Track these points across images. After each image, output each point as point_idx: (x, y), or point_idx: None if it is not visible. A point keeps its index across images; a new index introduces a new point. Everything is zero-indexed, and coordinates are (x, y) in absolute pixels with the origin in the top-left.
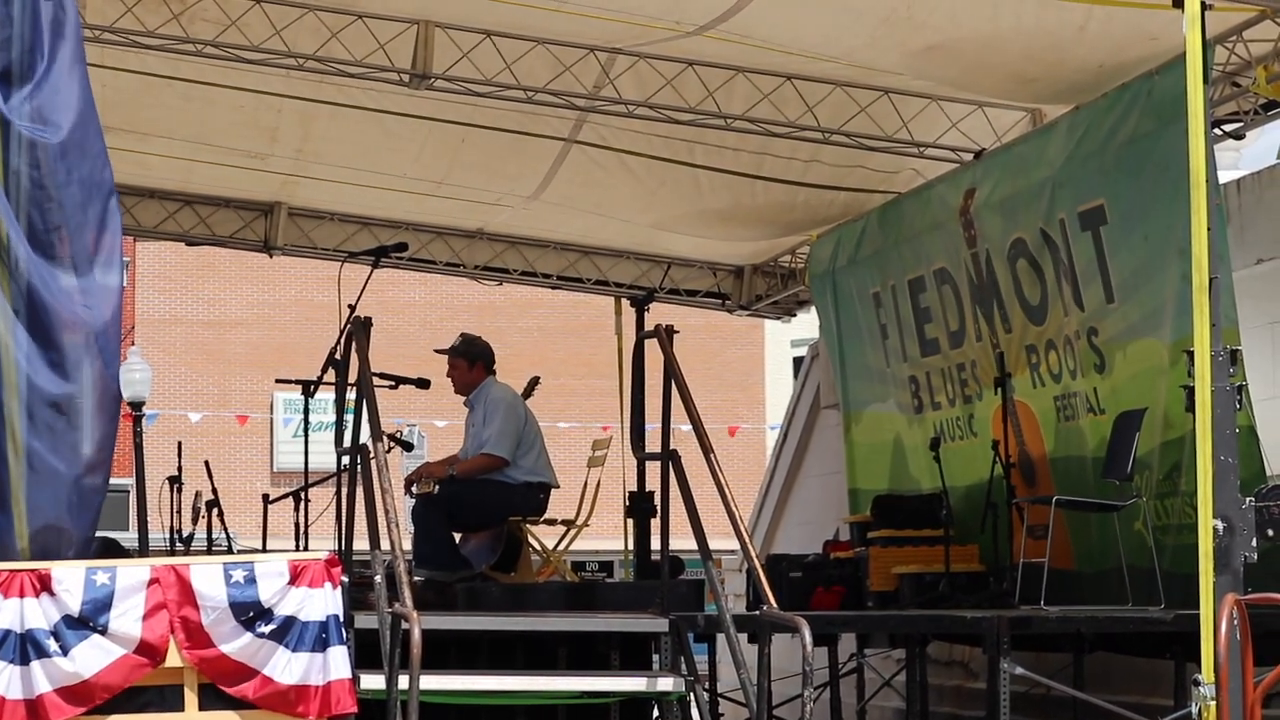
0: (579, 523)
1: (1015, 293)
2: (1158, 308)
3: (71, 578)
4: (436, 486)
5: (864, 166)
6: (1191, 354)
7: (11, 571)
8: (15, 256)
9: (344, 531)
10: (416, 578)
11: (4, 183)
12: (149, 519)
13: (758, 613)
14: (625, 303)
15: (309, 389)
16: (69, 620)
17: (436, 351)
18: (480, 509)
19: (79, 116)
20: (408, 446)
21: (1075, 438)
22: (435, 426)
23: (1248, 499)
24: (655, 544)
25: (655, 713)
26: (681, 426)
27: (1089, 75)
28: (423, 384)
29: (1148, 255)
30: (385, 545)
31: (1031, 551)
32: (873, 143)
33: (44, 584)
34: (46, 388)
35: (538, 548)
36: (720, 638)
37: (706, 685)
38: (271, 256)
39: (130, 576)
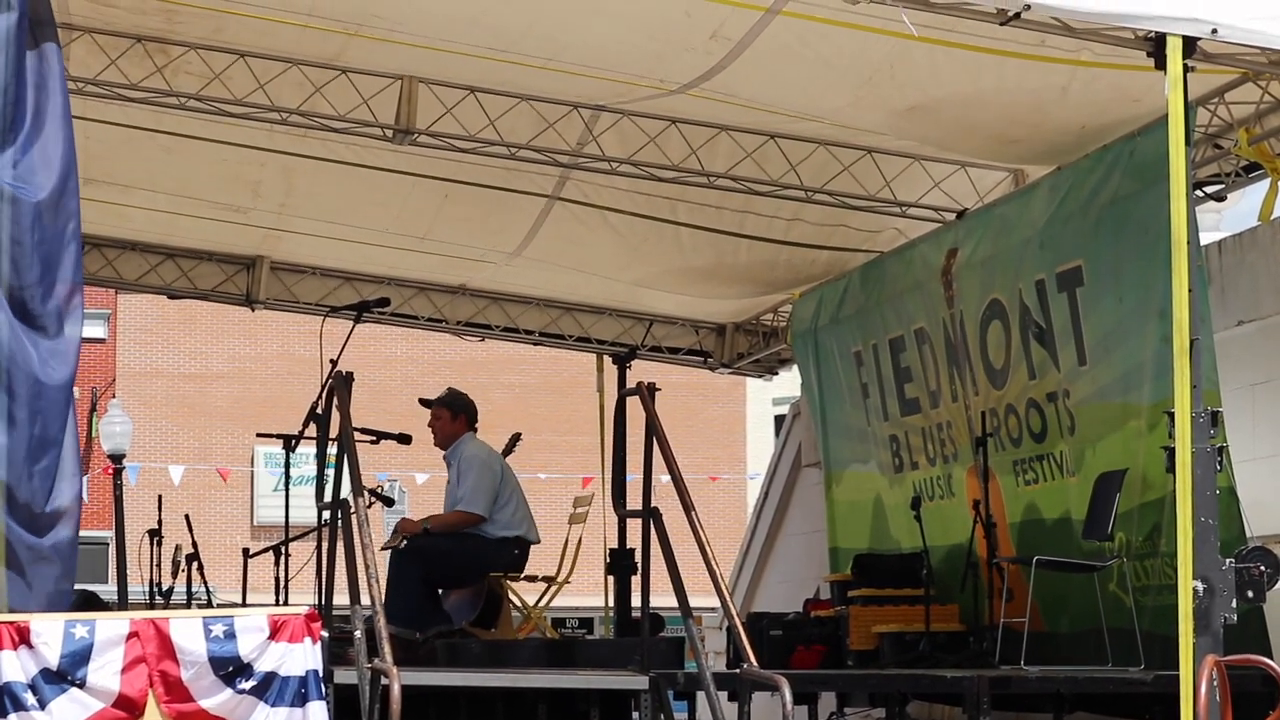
0: (560, 579)
1: (981, 356)
2: (1133, 369)
3: (50, 630)
4: (404, 541)
5: (846, 225)
6: (1172, 415)
7: None
8: None
9: (324, 586)
10: None
11: None
12: (129, 572)
13: (738, 671)
14: (607, 360)
15: (290, 443)
16: (47, 674)
17: (421, 402)
18: (455, 564)
19: (61, 175)
20: (388, 502)
21: (1038, 501)
22: (415, 481)
23: (1228, 560)
24: (636, 601)
25: None
26: (662, 478)
27: (1071, 136)
28: (404, 439)
29: (1121, 317)
30: (365, 600)
31: (1011, 612)
32: (855, 202)
33: (22, 636)
34: (19, 453)
35: (518, 604)
36: (700, 695)
37: None
38: (254, 310)
39: (109, 630)
